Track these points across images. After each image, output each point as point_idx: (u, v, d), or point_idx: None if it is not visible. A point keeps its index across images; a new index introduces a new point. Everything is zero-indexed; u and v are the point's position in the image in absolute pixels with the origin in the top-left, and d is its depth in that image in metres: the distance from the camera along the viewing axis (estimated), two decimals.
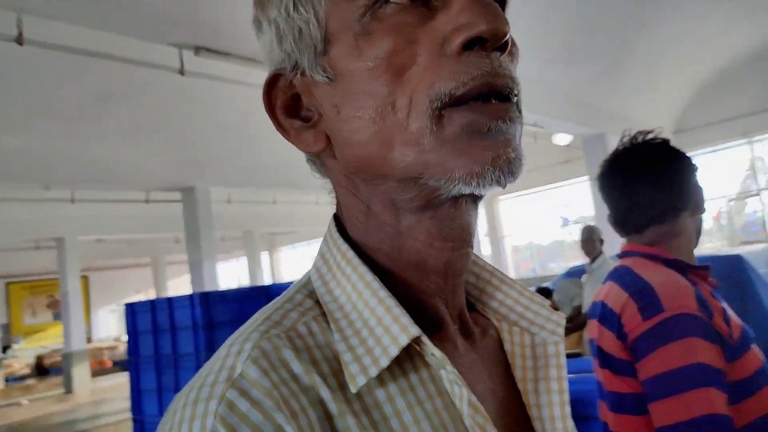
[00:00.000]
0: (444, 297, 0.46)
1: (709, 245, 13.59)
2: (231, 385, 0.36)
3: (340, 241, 0.45)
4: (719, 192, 12.47)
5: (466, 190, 0.40)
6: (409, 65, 0.39)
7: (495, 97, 0.39)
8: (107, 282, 19.12)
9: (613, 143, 9.21)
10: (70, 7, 3.51)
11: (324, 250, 0.47)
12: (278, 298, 0.45)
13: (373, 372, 0.39)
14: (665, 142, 1.33)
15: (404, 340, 0.40)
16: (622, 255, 1.34)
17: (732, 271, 5.21)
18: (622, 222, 1.35)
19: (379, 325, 0.41)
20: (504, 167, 0.39)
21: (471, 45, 0.39)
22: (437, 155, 0.39)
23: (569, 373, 0.57)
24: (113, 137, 7.22)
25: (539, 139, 9.44)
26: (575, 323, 4.60)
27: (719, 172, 12.31)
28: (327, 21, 0.42)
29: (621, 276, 1.26)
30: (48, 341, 17.42)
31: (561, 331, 0.50)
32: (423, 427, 0.39)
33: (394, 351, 0.39)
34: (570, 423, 0.49)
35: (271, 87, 0.45)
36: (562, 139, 9.81)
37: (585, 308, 4.56)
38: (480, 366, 0.47)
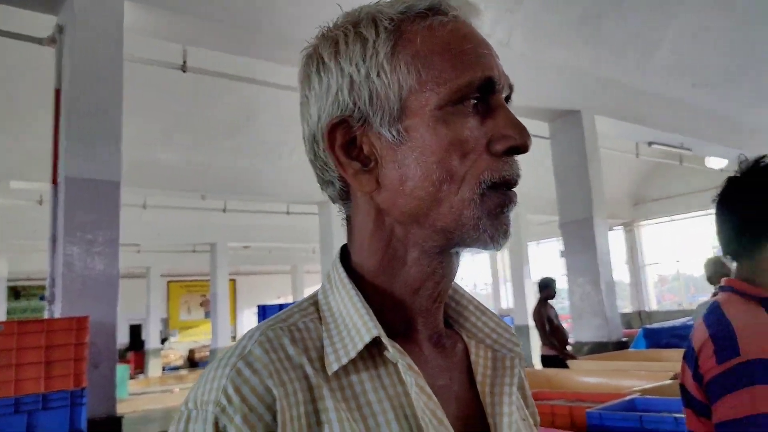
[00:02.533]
0: (425, 315, 0.59)
1: None
2: (241, 358, 0.50)
3: (340, 267, 0.59)
4: None
5: (481, 247, 0.55)
6: (469, 152, 0.53)
7: (511, 187, 0.56)
8: (252, 286, 20.67)
9: None
10: (224, 37, 3.97)
11: (330, 271, 0.61)
12: (293, 304, 0.60)
13: (344, 360, 0.52)
14: None
15: (367, 338, 0.53)
16: (721, 289, 1.27)
17: None
18: (725, 248, 1.28)
19: (353, 327, 0.54)
20: (506, 236, 0.55)
21: (510, 151, 0.55)
22: (474, 221, 0.54)
23: None
24: (258, 153, 7.91)
25: (686, 162, 8.73)
26: None
27: None
28: (407, 95, 0.54)
29: (709, 313, 1.20)
30: (199, 337, 19.19)
31: (518, 349, 0.63)
32: (384, 406, 0.52)
33: (360, 345, 0.53)
34: (516, 418, 0.60)
35: (335, 128, 0.56)
36: (715, 162, 9.04)
37: None
38: (444, 369, 0.59)
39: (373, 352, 0.54)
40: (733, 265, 1.28)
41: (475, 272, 20.16)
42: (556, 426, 2.94)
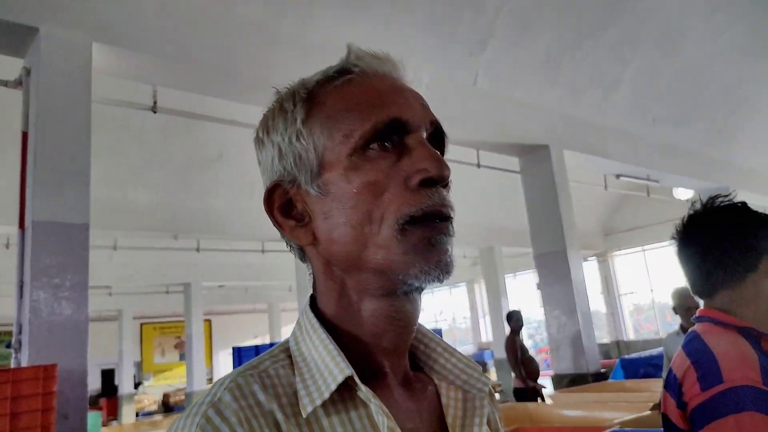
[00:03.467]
0: (391, 359, 0.61)
1: None
2: (212, 406, 0.51)
3: (310, 313, 0.61)
4: None
5: (416, 284, 0.56)
6: (383, 192, 0.56)
7: (438, 219, 0.56)
8: (228, 326, 20.29)
9: (740, 197, 8.79)
10: (194, 79, 3.99)
11: (300, 319, 0.62)
12: (265, 352, 0.61)
13: (318, 401, 0.53)
14: (740, 205, 1.29)
15: (340, 378, 0.53)
16: (697, 319, 1.30)
17: None
18: (693, 286, 1.32)
19: (326, 368, 0.55)
20: (444, 268, 0.56)
21: (425, 183, 0.56)
22: (401, 257, 0.55)
23: None
24: (231, 190, 7.88)
25: (653, 193, 8.96)
26: None
27: None
28: (323, 152, 0.58)
29: (688, 342, 1.23)
30: (174, 380, 18.66)
31: (487, 389, 0.64)
32: None
33: (333, 385, 0.53)
34: None
35: (271, 192, 0.62)
36: (682, 193, 9.30)
37: None
38: (414, 412, 0.60)
39: (344, 395, 0.55)
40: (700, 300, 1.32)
41: (453, 306, 20.11)
42: None
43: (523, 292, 15.86)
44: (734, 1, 6.09)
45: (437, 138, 0.62)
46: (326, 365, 0.55)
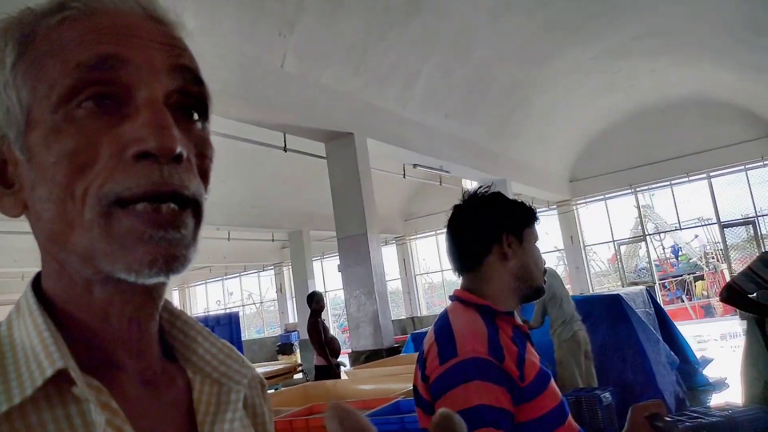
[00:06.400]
0: (127, 349, 0.51)
1: (607, 285, 14.47)
2: None
3: (30, 293, 0.50)
4: (615, 236, 13.31)
5: (130, 279, 0.45)
6: (89, 164, 0.44)
7: (170, 200, 0.45)
8: None
9: (515, 188, 9.97)
10: None
11: (20, 300, 0.51)
12: None
13: (17, 399, 0.42)
14: (492, 197, 1.43)
15: (50, 371, 0.43)
16: (450, 298, 1.43)
17: (611, 308, 5.66)
18: (453, 268, 1.45)
19: (35, 359, 0.45)
20: (162, 267, 0.45)
21: (144, 156, 0.44)
22: (105, 246, 0.45)
23: None
24: None
25: (445, 183, 9.83)
26: None
27: (613, 218, 13.21)
28: (30, 107, 0.46)
29: (438, 320, 1.34)
30: None
31: (246, 381, 0.58)
32: None
33: (40, 380, 0.43)
34: None
35: None
36: (470, 184, 10.33)
37: None
38: (154, 408, 0.52)
39: (62, 388, 0.44)
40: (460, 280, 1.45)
41: (262, 289, 19.97)
42: None
43: (331, 274, 16.36)
44: (516, 10, 6.78)
45: (190, 95, 0.50)
46: (35, 355, 0.45)
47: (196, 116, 0.51)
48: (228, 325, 7.97)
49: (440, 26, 6.46)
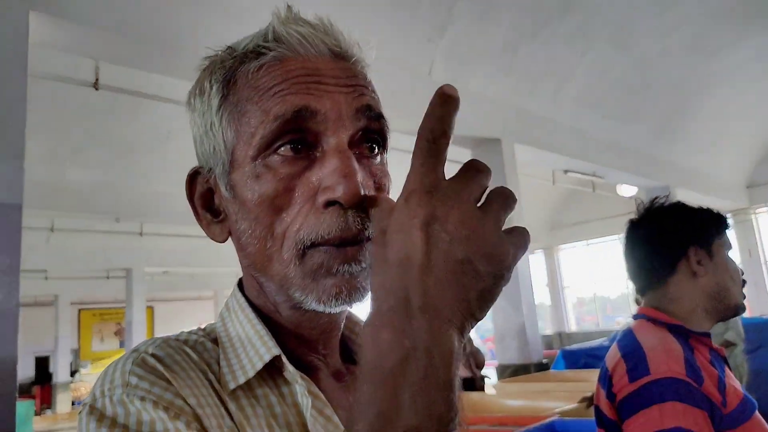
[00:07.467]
0: (317, 353, 0.58)
1: None
2: (143, 352, 0.50)
3: (239, 294, 0.59)
4: None
5: (320, 309, 0.51)
6: (286, 206, 0.50)
7: (352, 243, 0.49)
8: (172, 313, 19.79)
9: (679, 196, 9.13)
10: (140, 54, 3.82)
11: (229, 300, 0.60)
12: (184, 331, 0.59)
13: (241, 380, 0.51)
14: (673, 209, 1.34)
15: (267, 357, 0.52)
16: (634, 317, 1.37)
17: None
18: (633, 285, 1.40)
19: (252, 347, 0.54)
20: (346, 298, 0.50)
21: (332, 203, 0.49)
22: (299, 280, 0.51)
23: None
24: (175, 174, 7.62)
25: (599, 189, 9.24)
26: None
27: None
28: (234, 148, 0.52)
29: (622, 338, 1.29)
30: None
31: None
32: (287, 419, 0.51)
33: (259, 364, 0.52)
34: None
35: (193, 178, 0.58)
36: (625, 190, 9.62)
37: None
38: (344, 400, 0.57)
39: (273, 374, 0.53)
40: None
41: None
42: None
43: None
44: (683, 3, 6.28)
45: (372, 131, 0.54)
46: (253, 344, 0.54)
47: (376, 150, 0.55)
48: None
49: (597, 20, 6.12)
